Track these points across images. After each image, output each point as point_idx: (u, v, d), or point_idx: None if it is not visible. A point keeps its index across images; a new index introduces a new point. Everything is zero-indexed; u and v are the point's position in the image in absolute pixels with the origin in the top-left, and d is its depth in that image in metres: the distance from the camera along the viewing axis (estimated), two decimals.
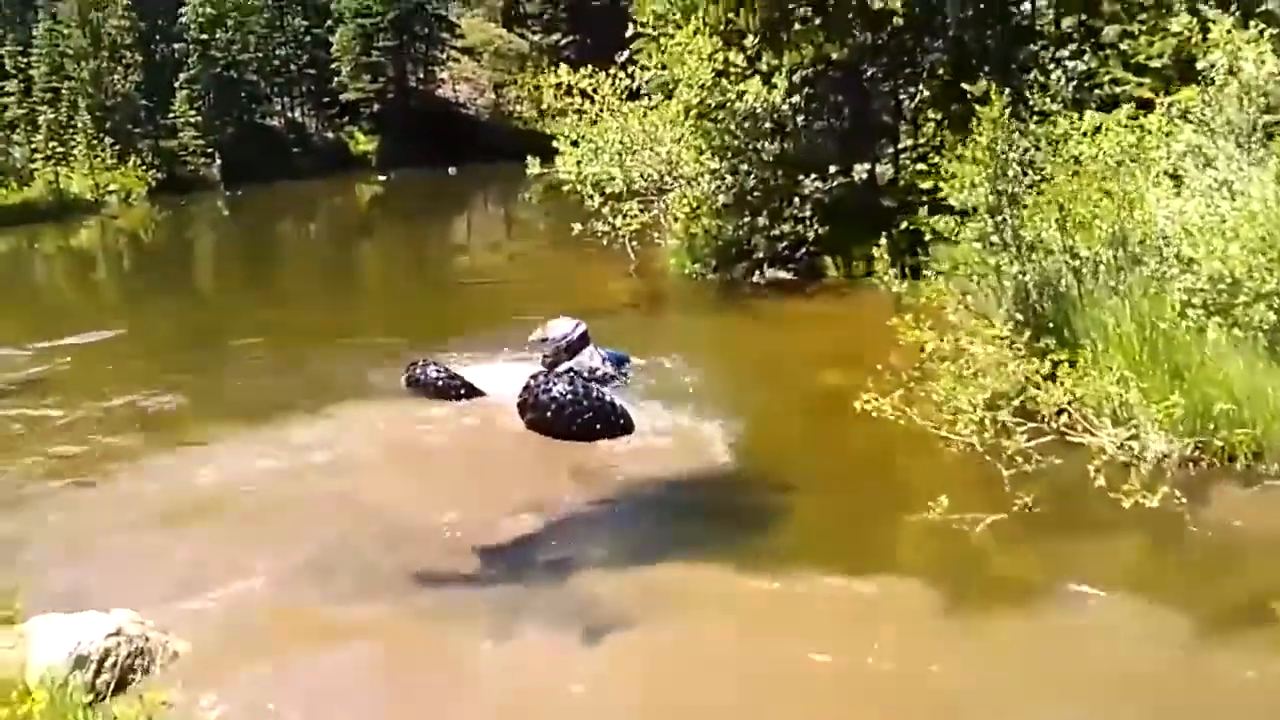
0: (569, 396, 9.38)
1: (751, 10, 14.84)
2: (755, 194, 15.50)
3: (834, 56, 14.97)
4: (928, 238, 14.87)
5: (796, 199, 15.06)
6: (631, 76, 16.01)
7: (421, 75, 50.73)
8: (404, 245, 27.11)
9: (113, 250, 29.38)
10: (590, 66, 15.77)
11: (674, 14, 16.12)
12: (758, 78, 14.49)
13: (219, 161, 39.76)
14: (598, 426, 9.37)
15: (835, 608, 6.54)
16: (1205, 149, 10.43)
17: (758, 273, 15.59)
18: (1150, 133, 10.83)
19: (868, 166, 16.54)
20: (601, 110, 15.86)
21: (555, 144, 17.07)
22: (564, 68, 15.68)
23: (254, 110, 44.50)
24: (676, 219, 16.38)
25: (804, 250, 15.41)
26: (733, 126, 14.90)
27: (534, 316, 12.26)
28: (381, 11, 47.30)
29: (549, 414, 9.43)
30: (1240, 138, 10.56)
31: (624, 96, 15.97)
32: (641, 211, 16.28)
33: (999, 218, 9.08)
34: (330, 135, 47.56)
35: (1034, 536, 7.09)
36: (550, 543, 7.73)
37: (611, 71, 15.79)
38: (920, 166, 15.14)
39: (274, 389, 11.74)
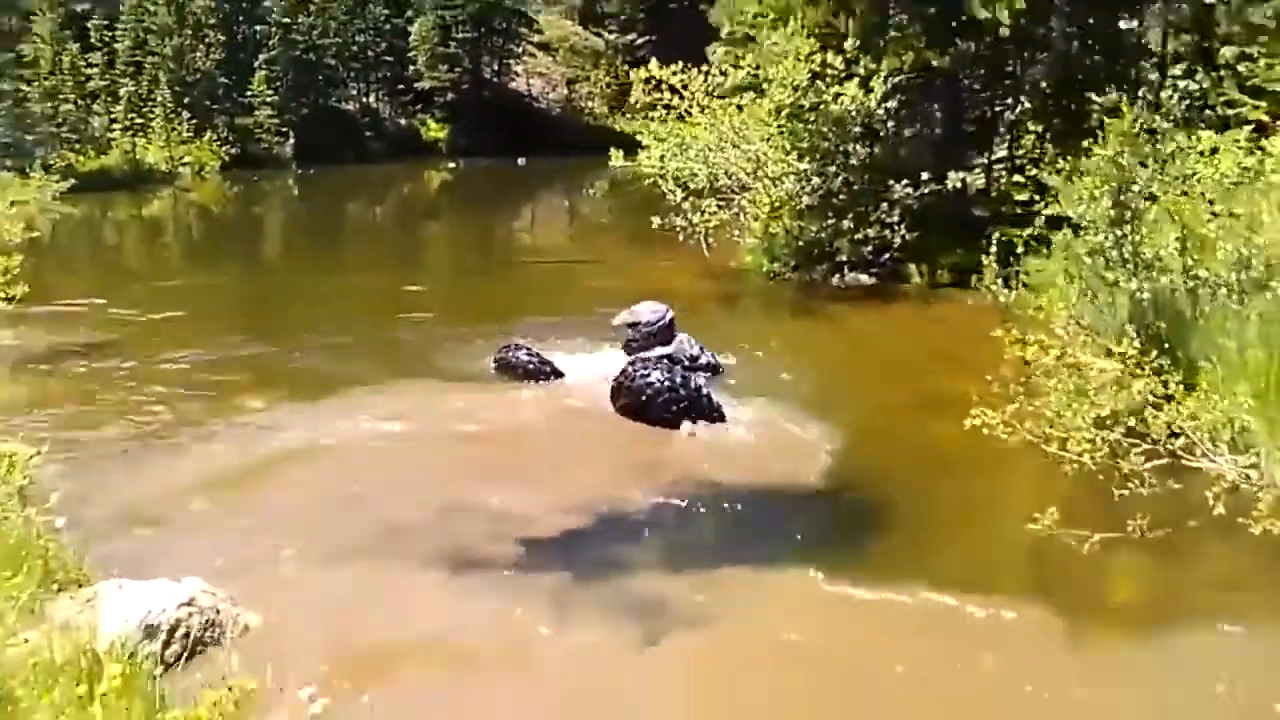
0: (665, 384, 9.09)
1: (850, 14, 14.43)
2: (841, 196, 15.11)
3: (934, 63, 14.49)
4: (1020, 250, 14.43)
5: (885, 204, 14.63)
6: (724, 74, 15.64)
7: (496, 68, 50.81)
8: (475, 230, 26.94)
9: (184, 221, 29.72)
10: (681, 64, 15.43)
11: (765, 15, 15.66)
12: (855, 81, 14.06)
13: (292, 140, 40.03)
14: (691, 416, 9.04)
15: (927, 619, 6.15)
16: None
17: (838, 275, 15.20)
18: (1271, 155, 10.33)
19: (962, 175, 16.03)
20: (690, 107, 15.54)
21: (639, 138, 16.80)
22: (654, 63, 15.38)
23: (330, 93, 44.81)
24: (757, 218, 16.00)
25: (888, 256, 14.99)
26: (825, 129, 14.51)
27: (609, 307, 12.04)
28: (462, 4, 47.45)
29: (643, 399, 9.15)
30: None
31: (712, 95, 15.66)
32: (720, 209, 15.94)
33: (1120, 232, 8.61)
34: (403, 121, 47.76)
35: (1149, 559, 6.66)
36: (632, 532, 7.46)
37: (702, 69, 15.50)
38: (1017, 178, 14.67)
39: (352, 364, 11.52)
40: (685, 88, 15.29)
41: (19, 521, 6.03)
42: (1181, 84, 13.59)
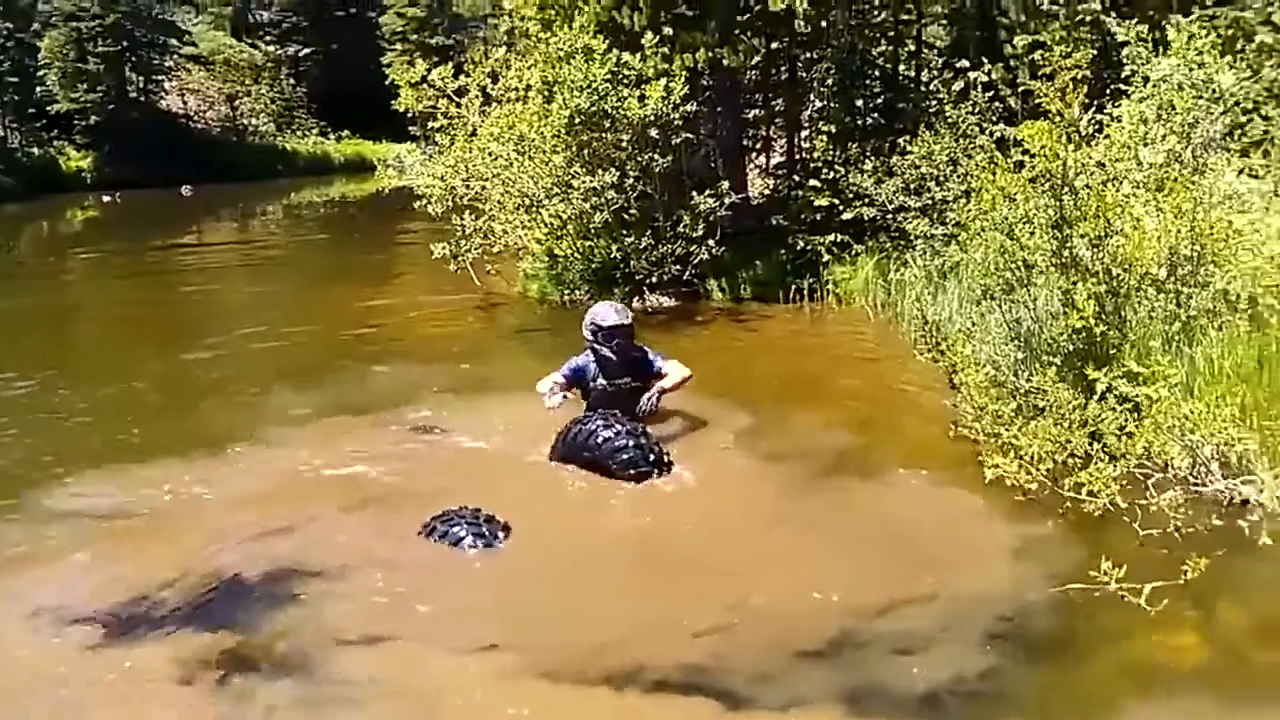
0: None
1: (636, 8, 13.17)
2: (632, 212, 13.89)
3: (725, 62, 13.53)
4: (825, 259, 13.82)
5: (685, 217, 13.55)
6: (495, 78, 14.06)
7: (144, 85, 46.04)
8: (179, 282, 20.82)
9: None
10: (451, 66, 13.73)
11: (534, 15, 14.10)
12: (661, 83, 12.81)
13: None
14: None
15: None
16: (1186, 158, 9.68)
17: (638, 298, 13.99)
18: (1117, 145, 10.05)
19: (771, 183, 15.26)
20: (470, 116, 13.88)
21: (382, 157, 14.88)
22: (420, 64, 13.56)
23: None
24: (540, 241, 14.53)
25: (689, 272, 13.94)
26: (622, 137, 13.20)
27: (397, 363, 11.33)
28: (99, 15, 42.52)
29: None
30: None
31: (499, 101, 14.06)
32: (503, 232, 14.36)
33: (1064, 232, 7.85)
34: (36, 151, 42.25)
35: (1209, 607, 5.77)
36: None
37: (479, 73, 13.86)
38: (813, 182, 14.00)
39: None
40: (463, 94, 13.58)
41: None
42: (972, 75, 13.46)
